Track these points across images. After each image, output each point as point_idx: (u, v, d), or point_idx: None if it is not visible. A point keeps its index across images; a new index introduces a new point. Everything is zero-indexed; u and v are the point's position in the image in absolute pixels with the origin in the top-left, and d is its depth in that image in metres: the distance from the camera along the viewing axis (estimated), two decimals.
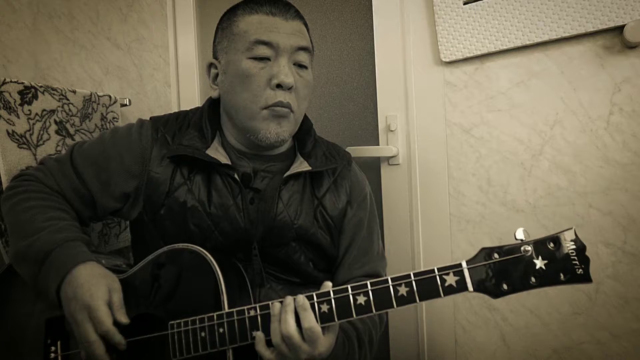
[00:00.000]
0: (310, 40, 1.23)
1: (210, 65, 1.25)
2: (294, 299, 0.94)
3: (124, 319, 1.00)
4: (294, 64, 1.16)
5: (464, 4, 1.43)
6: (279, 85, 1.12)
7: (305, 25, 1.22)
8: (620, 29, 1.26)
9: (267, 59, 1.13)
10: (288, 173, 1.19)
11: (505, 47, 1.40)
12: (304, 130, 1.29)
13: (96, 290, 0.99)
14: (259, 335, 0.95)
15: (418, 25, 1.56)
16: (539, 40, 1.36)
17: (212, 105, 1.27)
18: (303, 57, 1.17)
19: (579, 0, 1.29)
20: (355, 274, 1.24)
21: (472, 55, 1.45)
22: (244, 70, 1.13)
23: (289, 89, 1.13)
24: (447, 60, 1.49)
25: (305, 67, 1.19)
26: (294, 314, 0.94)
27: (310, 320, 0.92)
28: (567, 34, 1.32)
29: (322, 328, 0.94)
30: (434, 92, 1.55)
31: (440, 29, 1.48)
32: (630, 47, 1.28)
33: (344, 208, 1.26)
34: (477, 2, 1.42)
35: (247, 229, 1.15)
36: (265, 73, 1.13)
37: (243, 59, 1.14)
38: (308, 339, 0.93)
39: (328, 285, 0.96)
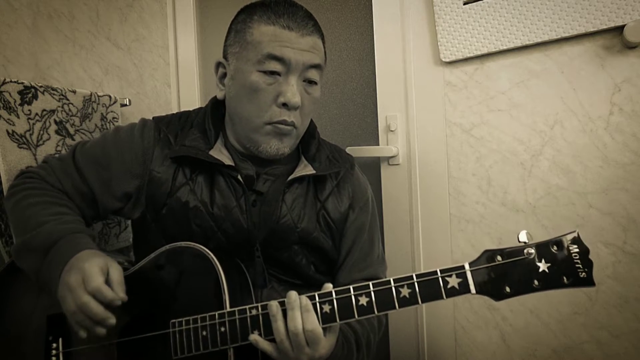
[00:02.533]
0: (325, 53, 1.21)
1: (219, 64, 1.22)
2: (299, 298, 0.94)
3: (123, 294, 0.98)
4: (304, 81, 1.14)
5: (464, 4, 1.44)
6: (285, 104, 1.11)
7: (322, 38, 1.19)
8: (620, 29, 1.26)
9: (277, 74, 1.11)
10: (292, 176, 1.19)
11: (505, 47, 1.40)
12: (309, 134, 1.29)
13: (93, 259, 0.99)
14: (255, 337, 0.95)
15: (418, 25, 1.56)
16: (539, 40, 1.36)
17: (216, 106, 1.26)
18: (313, 75, 1.14)
19: (579, 0, 1.29)
20: (356, 277, 1.24)
21: (472, 55, 1.45)
22: (252, 83, 1.11)
23: (295, 108, 1.12)
24: (447, 60, 1.49)
25: (315, 83, 1.16)
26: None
27: (312, 322, 0.92)
28: (567, 34, 1.32)
29: (323, 329, 0.94)
30: (434, 92, 1.55)
31: (440, 29, 1.48)
32: (630, 47, 1.28)
33: (346, 212, 1.26)
34: (477, 2, 1.42)
35: (250, 231, 1.15)
36: (273, 89, 1.11)
37: (253, 70, 1.11)
38: (309, 341, 0.93)
39: (329, 287, 0.96)
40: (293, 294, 0.95)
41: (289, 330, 0.93)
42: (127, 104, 1.93)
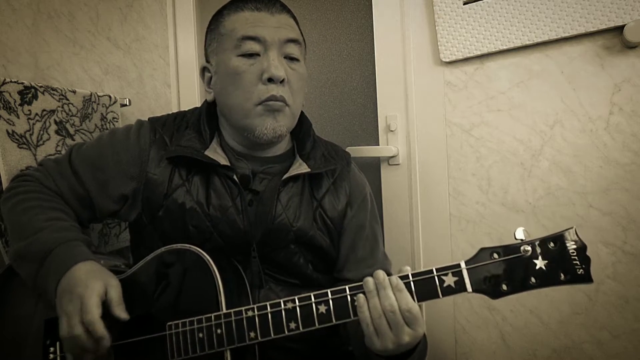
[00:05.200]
0: (301, 33, 1.22)
1: (204, 69, 1.25)
2: (389, 278, 0.91)
3: (123, 314, 0.99)
4: (285, 57, 1.15)
5: (464, 4, 1.43)
6: (270, 79, 1.11)
7: (294, 18, 1.21)
8: (620, 29, 1.25)
9: (257, 54, 1.13)
10: (287, 175, 1.19)
11: (505, 47, 1.40)
12: (303, 131, 1.29)
13: (92, 284, 0.98)
14: (362, 298, 0.91)
15: (418, 25, 1.56)
16: (539, 40, 1.35)
17: (210, 106, 1.26)
18: (293, 50, 1.16)
19: (579, 0, 1.28)
20: (366, 273, 1.22)
21: (472, 55, 1.45)
22: (234, 68, 1.13)
23: (281, 82, 1.12)
24: (447, 60, 1.49)
25: (297, 60, 1.18)
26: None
27: (407, 302, 0.89)
28: (567, 34, 1.32)
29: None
30: (434, 92, 1.54)
31: (440, 29, 1.47)
32: (630, 47, 1.28)
33: (344, 209, 1.26)
34: (477, 2, 1.41)
35: (246, 231, 1.15)
36: (256, 69, 1.12)
37: (232, 57, 1.14)
38: (407, 321, 0.89)
39: (407, 270, 0.92)
40: (381, 273, 0.91)
41: (384, 309, 0.89)
42: (127, 104, 1.93)
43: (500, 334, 1.48)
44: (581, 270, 0.83)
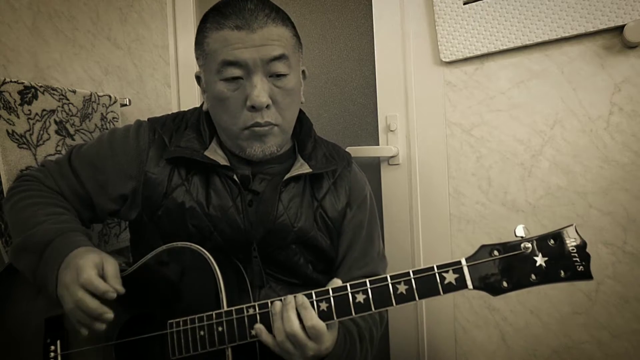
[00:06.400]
0: (295, 33, 1.17)
1: (198, 77, 1.23)
2: (295, 297, 0.94)
3: (119, 286, 0.98)
4: (270, 76, 1.10)
5: (464, 4, 1.43)
6: (253, 107, 1.08)
7: (282, 21, 1.12)
8: (620, 29, 1.26)
9: (240, 77, 1.09)
10: (288, 175, 1.18)
11: (505, 47, 1.40)
12: (304, 132, 1.28)
13: (88, 255, 1.00)
14: (259, 327, 0.95)
15: (418, 25, 1.56)
16: (539, 40, 1.36)
17: None
18: (279, 67, 1.09)
19: (579, 0, 1.29)
20: (355, 275, 1.23)
21: (472, 55, 1.45)
22: (219, 93, 1.10)
23: (267, 106, 1.10)
24: (447, 60, 1.49)
25: (285, 75, 1.11)
26: (296, 312, 0.93)
27: (311, 318, 0.92)
28: (567, 34, 1.32)
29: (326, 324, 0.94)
30: (434, 92, 1.54)
31: (440, 29, 1.48)
32: (630, 47, 1.28)
33: (344, 209, 1.25)
34: (477, 2, 1.42)
35: (246, 231, 1.15)
36: (240, 94, 1.09)
37: (217, 80, 1.10)
38: (312, 337, 0.93)
39: (337, 282, 0.95)
40: (289, 296, 0.95)
41: (286, 332, 0.92)
42: (127, 104, 1.93)
43: (500, 334, 1.48)
44: (581, 267, 0.83)
